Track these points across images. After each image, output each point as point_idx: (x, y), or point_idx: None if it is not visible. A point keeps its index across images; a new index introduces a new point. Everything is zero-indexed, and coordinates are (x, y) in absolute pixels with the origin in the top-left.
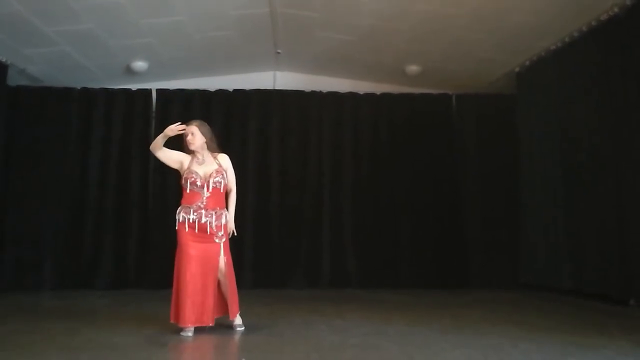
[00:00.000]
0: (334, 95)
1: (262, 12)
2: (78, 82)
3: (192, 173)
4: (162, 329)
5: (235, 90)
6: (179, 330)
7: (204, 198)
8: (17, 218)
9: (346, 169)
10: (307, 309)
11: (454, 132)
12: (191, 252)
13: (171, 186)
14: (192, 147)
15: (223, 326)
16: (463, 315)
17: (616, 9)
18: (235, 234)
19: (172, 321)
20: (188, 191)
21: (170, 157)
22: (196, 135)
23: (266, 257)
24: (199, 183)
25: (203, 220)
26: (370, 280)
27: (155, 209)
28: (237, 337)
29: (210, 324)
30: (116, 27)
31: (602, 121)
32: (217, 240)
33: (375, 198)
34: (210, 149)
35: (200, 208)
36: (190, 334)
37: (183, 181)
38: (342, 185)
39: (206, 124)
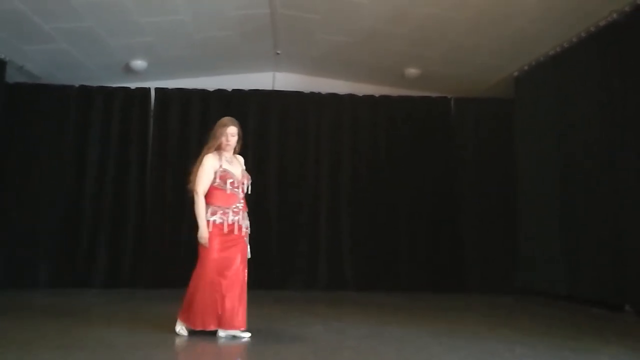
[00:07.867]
0: (333, 97)
1: (263, 12)
2: (76, 80)
3: (229, 173)
4: (158, 328)
5: (234, 90)
6: (173, 329)
7: (240, 199)
8: (13, 215)
9: (344, 171)
10: (304, 311)
11: (452, 135)
12: (216, 257)
13: (169, 185)
14: (228, 149)
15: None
16: (459, 319)
17: (615, 15)
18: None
19: (180, 320)
20: (228, 192)
21: (210, 178)
22: (236, 138)
23: (264, 258)
24: (236, 184)
25: (243, 222)
26: (367, 283)
27: (152, 208)
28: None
29: (242, 328)
30: (116, 25)
31: (600, 126)
32: (245, 238)
33: (372, 200)
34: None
35: (239, 209)
36: (185, 333)
37: (219, 180)
38: (339, 187)
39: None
